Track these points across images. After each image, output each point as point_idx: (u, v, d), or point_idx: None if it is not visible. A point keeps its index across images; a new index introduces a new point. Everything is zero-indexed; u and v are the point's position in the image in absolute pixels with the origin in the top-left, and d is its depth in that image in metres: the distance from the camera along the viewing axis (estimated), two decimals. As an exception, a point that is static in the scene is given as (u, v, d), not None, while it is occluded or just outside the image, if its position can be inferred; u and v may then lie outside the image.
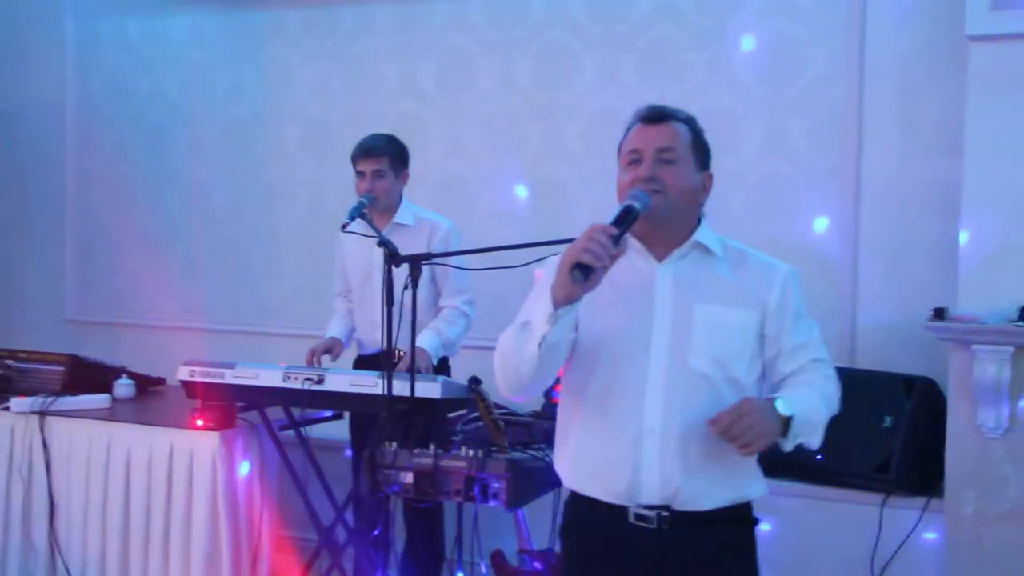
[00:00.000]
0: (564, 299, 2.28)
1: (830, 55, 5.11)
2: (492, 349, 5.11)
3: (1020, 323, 4.30)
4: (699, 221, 2.58)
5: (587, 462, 2.54)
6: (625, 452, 2.45)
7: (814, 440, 2.46)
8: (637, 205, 2.39)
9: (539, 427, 4.57)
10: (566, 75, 5.65)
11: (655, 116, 2.55)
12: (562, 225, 5.37)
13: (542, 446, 3.85)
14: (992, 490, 4.40)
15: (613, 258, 2.27)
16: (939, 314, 4.49)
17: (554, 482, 3.76)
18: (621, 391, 2.47)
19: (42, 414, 4.54)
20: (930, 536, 4.56)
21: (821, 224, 5.03)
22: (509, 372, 2.47)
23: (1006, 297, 4.37)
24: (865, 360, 4.93)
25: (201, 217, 6.55)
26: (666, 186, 2.46)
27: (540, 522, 4.05)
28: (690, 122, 2.58)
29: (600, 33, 5.58)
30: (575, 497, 2.62)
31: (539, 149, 5.72)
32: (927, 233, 4.93)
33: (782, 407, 2.36)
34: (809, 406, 2.43)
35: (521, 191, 5.77)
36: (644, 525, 2.45)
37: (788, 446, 2.42)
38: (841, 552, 4.53)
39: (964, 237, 4.52)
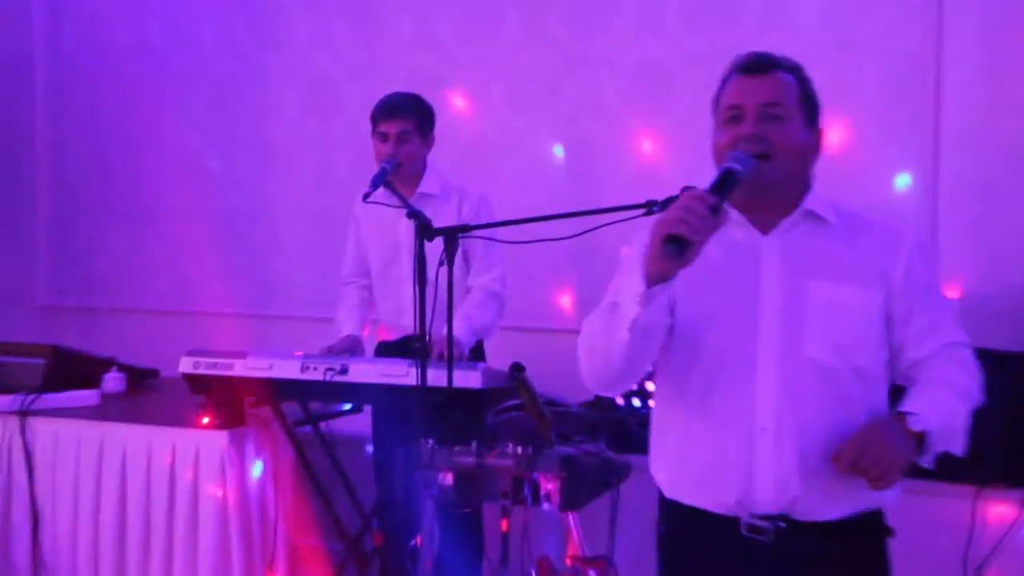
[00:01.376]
0: (658, 276, 2.21)
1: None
2: (527, 331, 5.19)
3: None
4: (809, 186, 2.50)
5: (690, 468, 2.48)
6: (735, 456, 2.39)
7: (956, 447, 2.38)
8: (739, 168, 2.30)
9: (589, 418, 4.55)
10: (603, 22, 5.59)
11: (758, 65, 2.48)
12: (599, 190, 5.35)
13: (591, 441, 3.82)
14: (1102, 478, 4.38)
15: (711, 230, 2.18)
16: (1034, 282, 4.48)
17: (611, 481, 3.78)
18: (727, 386, 2.41)
19: (23, 414, 4.50)
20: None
21: (900, 182, 4.96)
22: (596, 362, 2.42)
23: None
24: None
25: (192, 188, 6.49)
26: (773, 145, 2.38)
27: (592, 524, 4.02)
28: (797, 71, 2.50)
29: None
30: (676, 508, 2.55)
31: (573, 106, 5.68)
32: (1017, 193, 4.88)
33: (915, 424, 2.29)
34: (946, 411, 2.35)
35: (555, 153, 5.73)
36: (759, 538, 2.39)
37: (927, 462, 2.36)
38: (930, 551, 4.49)
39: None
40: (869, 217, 2.58)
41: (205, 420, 4.24)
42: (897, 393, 2.47)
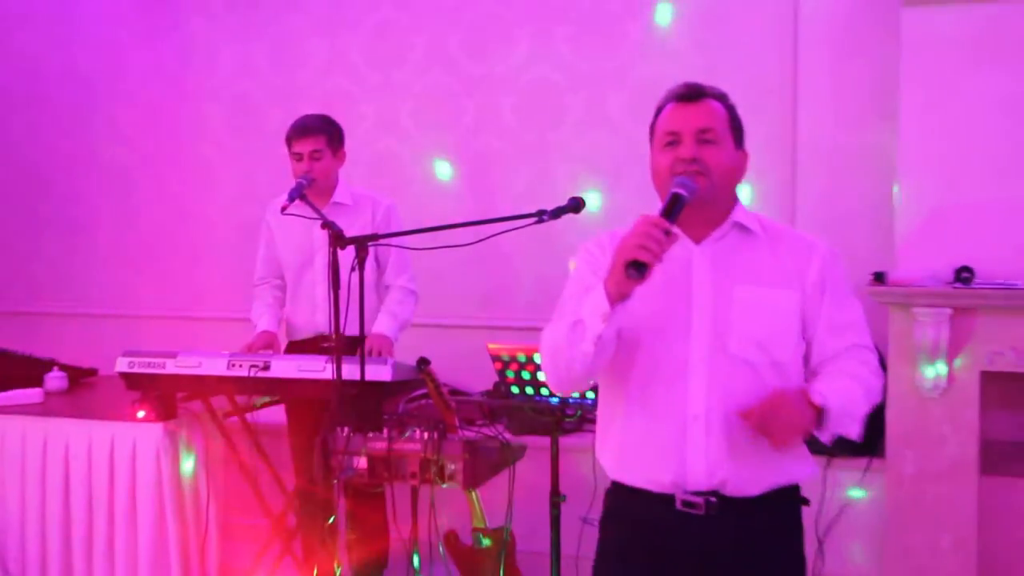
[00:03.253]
0: (618, 296, 2.25)
1: (764, 23, 5.22)
2: (433, 327, 5.24)
3: (957, 284, 4.44)
4: (735, 200, 2.53)
5: (631, 452, 2.50)
6: (670, 441, 2.42)
7: (852, 431, 2.41)
8: (685, 193, 2.34)
9: (488, 405, 4.63)
10: (500, 48, 5.67)
11: (691, 94, 2.47)
12: (497, 201, 5.43)
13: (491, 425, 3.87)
14: (931, 449, 4.54)
15: (667, 251, 2.23)
16: (878, 278, 4.62)
17: (508, 461, 3.86)
18: (663, 379, 2.43)
19: (-32, 411, 4.44)
20: (871, 494, 4.70)
21: (758, 192, 5.12)
22: (561, 370, 2.43)
23: (942, 259, 4.50)
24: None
25: (124, 201, 6.47)
26: (708, 167, 2.40)
27: (492, 499, 4.09)
28: (724, 99, 2.50)
29: (531, 3, 5.61)
30: (618, 487, 2.57)
31: (473, 123, 5.75)
32: (863, 198, 5.04)
33: (816, 397, 2.32)
34: (847, 398, 2.38)
35: (456, 166, 5.80)
36: (692, 512, 2.42)
37: (824, 437, 2.40)
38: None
39: (900, 201, 4.65)
40: (787, 228, 2.64)
41: (141, 414, 4.21)
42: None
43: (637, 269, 2.20)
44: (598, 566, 2.62)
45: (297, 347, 4.59)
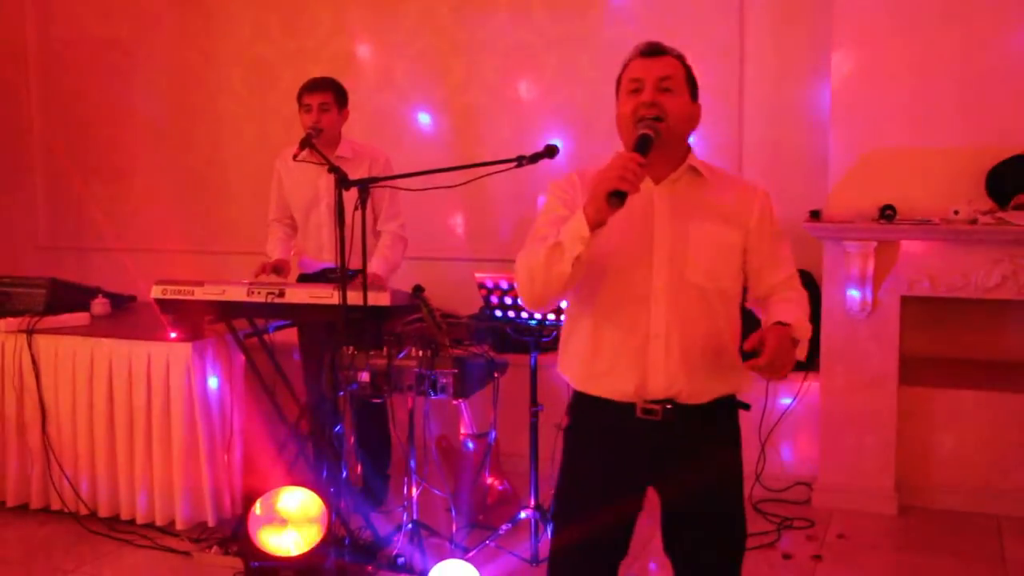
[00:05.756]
0: (597, 222, 2.21)
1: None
2: (426, 260, 5.17)
3: (881, 221, 4.42)
4: (689, 148, 2.48)
5: (597, 366, 2.45)
6: (634, 355, 2.38)
7: (803, 354, 2.38)
8: (651, 133, 2.30)
9: (475, 327, 4.58)
10: (483, 13, 5.56)
11: (654, 50, 2.43)
12: (482, 149, 5.36)
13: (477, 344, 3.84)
14: (858, 363, 4.55)
15: (641, 180, 2.21)
16: (814, 215, 4.56)
17: (493, 375, 3.81)
18: (628, 302, 2.39)
19: (29, 332, 4.41)
20: (807, 403, 4.68)
21: (709, 140, 5.01)
22: (537, 289, 2.36)
23: (869, 199, 4.49)
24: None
25: (158, 150, 6.39)
26: (666, 112, 2.35)
27: (479, 408, 4.06)
28: (682, 58, 2.47)
29: (511, -25, 5.50)
30: (581, 397, 2.53)
31: (460, 80, 5.65)
32: (801, 146, 4.98)
33: (796, 333, 2.31)
34: (805, 327, 2.38)
35: (446, 119, 5.70)
36: (650, 418, 2.40)
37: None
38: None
39: (832, 149, 4.61)
40: (731, 175, 2.60)
41: (173, 335, 4.18)
42: (747, 314, 2.50)
43: (619, 197, 2.16)
44: (565, 468, 2.57)
45: (307, 280, 4.53)
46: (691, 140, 2.48)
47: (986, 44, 4.38)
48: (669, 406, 2.39)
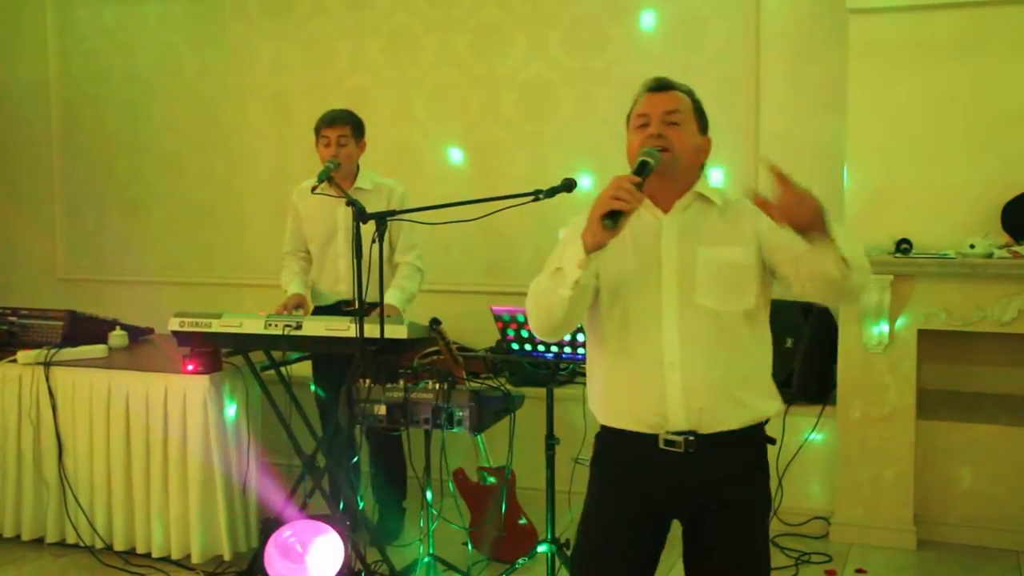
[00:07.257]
0: (594, 245, 2.23)
1: (730, 28, 5.15)
2: (443, 292, 5.19)
3: (897, 255, 4.42)
4: (699, 176, 2.50)
5: (617, 398, 2.47)
6: (650, 385, 2.38)
7: (848, 250, 2.25)
8: (651, 159, 2.33)
9: (492, 361, 4.58)
10: (500, 49, 5.59)
11: (660, 86, 2.48)
12: (499, 182, 5.36)
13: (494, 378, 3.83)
14: (875, 397, 4.53)
15: (638, 201, 2.21)
16: (830, 250, 4.55)
17: (509, 409, 3.81)
18: (640, 331, 2.40)
19: (46, 364, 4.41)
20: (824, 437, 4.67)
21: (726, 174, 5.06)
22: (542, 315, 2.40)
23: (885, 233, 4.49)
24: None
25: (176, 183, 6.43)
26: (672, 143, 2.40)
27: (495, 442, 4.06)
28: (690, 93, 2.51)
29: (528, 11, 5.53)
30: (606, 431, 2.53)
31: (477, 115, 5.67)
32: (816, 181, 4.89)
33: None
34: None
35: (463, 153, 5.73)
36: (672, 450, 2.38)
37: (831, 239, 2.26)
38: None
39: (848, 184, 4.61)
40: (741, 199, 2.54)
41: (190, 367, 4.17)
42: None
43: (612, 219, 2.18)
44: (589, 500, 2.57)
45: (321, 313, 4.54)
46: (706, 172, 2.50)
47: (1000, 79, 4.39)
48: (692, 438, 2.37)
